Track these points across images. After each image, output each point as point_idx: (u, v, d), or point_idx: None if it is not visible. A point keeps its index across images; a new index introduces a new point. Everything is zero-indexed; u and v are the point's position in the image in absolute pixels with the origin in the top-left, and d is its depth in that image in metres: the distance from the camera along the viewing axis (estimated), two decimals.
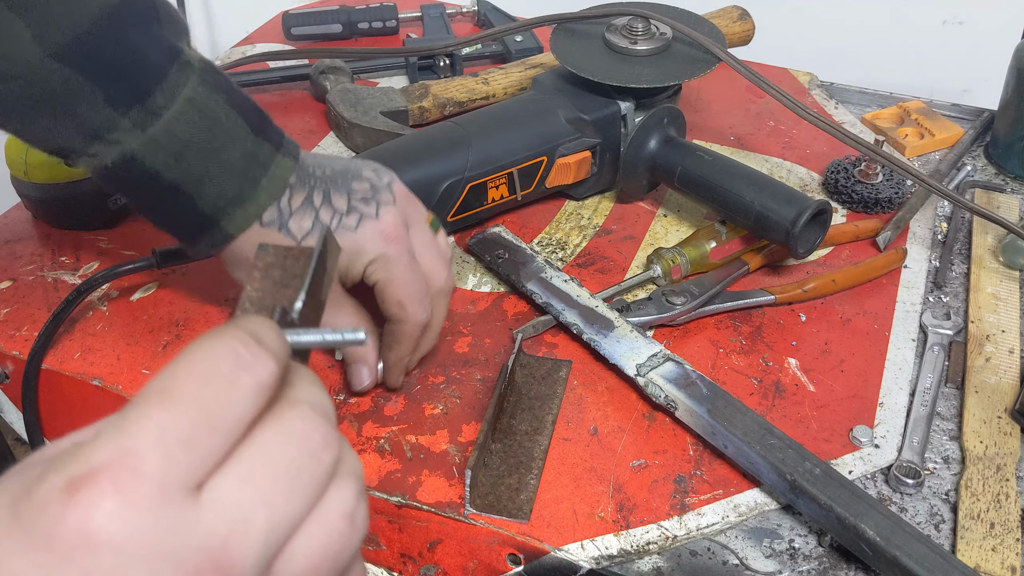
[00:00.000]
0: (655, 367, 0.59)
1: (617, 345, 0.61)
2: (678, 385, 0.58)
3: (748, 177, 0.70)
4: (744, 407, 0.56)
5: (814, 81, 0.98)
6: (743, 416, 0.55)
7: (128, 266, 0.62)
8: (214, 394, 0.25)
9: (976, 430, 0.59)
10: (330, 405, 0.30)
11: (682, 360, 0.60)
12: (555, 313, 0.64)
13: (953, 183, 0.84)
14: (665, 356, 0.60)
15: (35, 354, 0.62)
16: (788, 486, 0.52)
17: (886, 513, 0.49)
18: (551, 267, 0.67)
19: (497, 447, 0.57)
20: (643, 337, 0.61)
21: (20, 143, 0.70)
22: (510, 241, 0.71)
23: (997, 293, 0.70)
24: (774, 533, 0.53)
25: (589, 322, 0.63)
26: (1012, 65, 0.83)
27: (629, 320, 0.63)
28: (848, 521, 0.49)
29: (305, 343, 0.31)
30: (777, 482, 0.53)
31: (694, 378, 0.58)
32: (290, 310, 0.33)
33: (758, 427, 0.55)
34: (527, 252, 0.69)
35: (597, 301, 0.64)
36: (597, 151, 0.75)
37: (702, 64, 0.73)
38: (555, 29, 0.79)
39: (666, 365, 0.59)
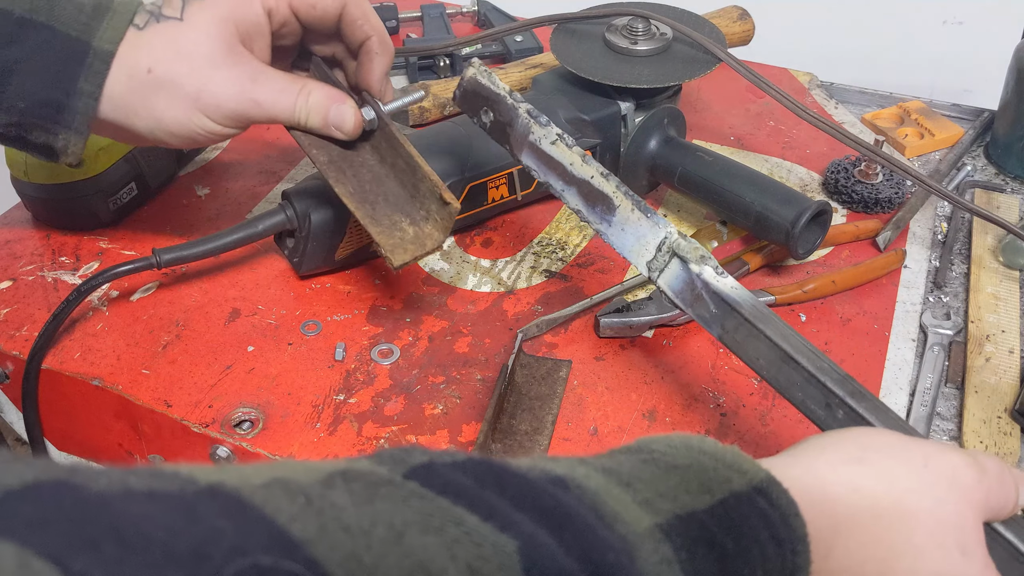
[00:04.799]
0: (662, 268, 0.53)
1: (623, 235, 0.55)
2: (684, 301, 0.52)
3: (748, 177, 0.70)
4: (768, 319, 0.49)
5: (814, 81, 0.98)
6: (757, 343, 0.49)
7: (128, 266, 0.62)
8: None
9: (976, 430, 0.59)
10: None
11: (691, 254, 0.52)
12: (556, 194, 0.59)
13: (953, 183, 0.84)
14: (671, 251, 0.52)
15: (35, 354, 0.62)
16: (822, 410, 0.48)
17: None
18: (535, 121, 0.58)
19: (497, 447, 0.57)
20: (646, 218, 0.54)
21: None
22: (489, 90, 0.60)
23: (997, 293, 0.70)
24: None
25: (591, 204, 0.56)
26: (1012, 65, 0.83)
27: (627, 193, 0.55)
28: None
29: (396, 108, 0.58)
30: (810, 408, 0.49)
31: (700, 290, 0.51)
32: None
33: (777, 357, 0.49)
34: (507, 104, 0.59)
35: (592, 170, 0.56)
36: (597, 151, 0.75)
37: (702, 64, 0.73)
38: (555, 29, 0.79)
39: (672, 266, 0.52)
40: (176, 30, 0.54)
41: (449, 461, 0.31)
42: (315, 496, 0.26)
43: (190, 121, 0.55)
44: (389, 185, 0.59)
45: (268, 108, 0.56)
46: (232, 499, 0.25)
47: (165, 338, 0.64)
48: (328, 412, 0.59)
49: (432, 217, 0.57)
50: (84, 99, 0.52)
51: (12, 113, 0.52)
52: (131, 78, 0.53)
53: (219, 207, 0.78)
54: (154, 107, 0.54)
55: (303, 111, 0.57)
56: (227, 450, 0.57)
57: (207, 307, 0.67)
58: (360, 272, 0.71)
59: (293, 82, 0.57)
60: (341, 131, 0.59)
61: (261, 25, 0.57)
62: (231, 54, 0.55)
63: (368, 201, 0.58)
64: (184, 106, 0.54)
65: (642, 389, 0.62)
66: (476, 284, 0.70)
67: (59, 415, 0.65)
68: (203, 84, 0.54)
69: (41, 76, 0.51)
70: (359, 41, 0.60)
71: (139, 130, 0.55)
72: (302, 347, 0.64)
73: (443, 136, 0.72)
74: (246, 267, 0.71)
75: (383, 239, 0.57)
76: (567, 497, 0.31)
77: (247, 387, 0.61)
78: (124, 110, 0.54)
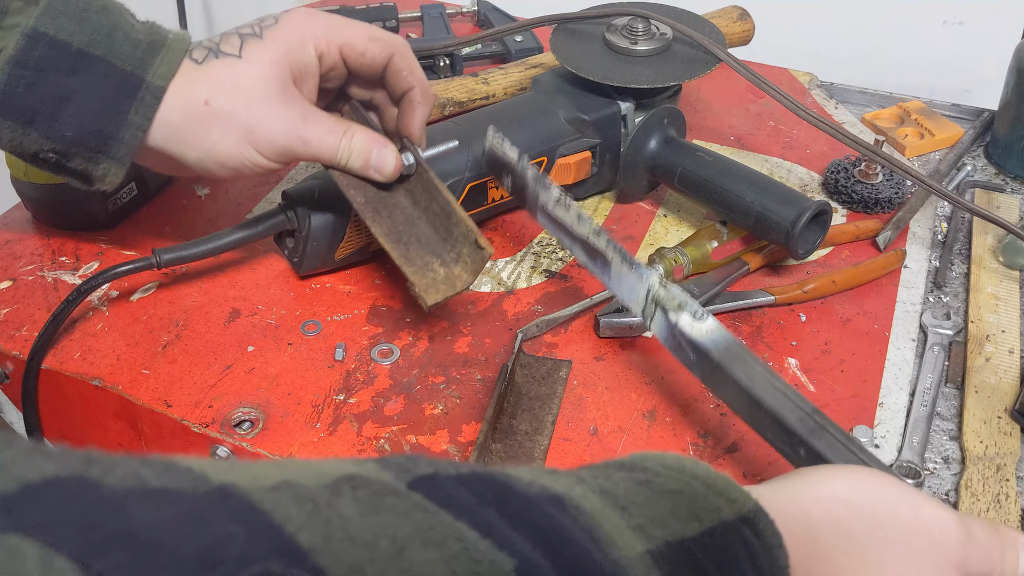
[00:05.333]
0: (652, 316, 0.55)
1: (621, 286, 0.58)
2: (670, 347, 0.55)
3: (748, 178, 0.70)
4: (737, 361, 0.51)
5: (814, 81, 0.98)
6: (727, 386, 0.51)
7: (128, 266, 0.62)
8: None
9: (976, 430, 0.59)
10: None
11: (669, 303, 0.54)
12: (568, 249, 0.62)
13: (953, 183, 0.84)
14: (655, 303, 0.54)
15: (35, 354, 0.62)
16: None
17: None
18: (540, 184, 0.61)
19: (497, 447, 0.57)
20: (631, 271, 0.56)
21: None
22: (504, 156, 0.64)
23: (997, 293, 0.71)
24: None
25: (592, 259, 0.59)
26: (1012, 65, 0.83)
27: (616, 248, 0.57)
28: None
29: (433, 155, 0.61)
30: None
31: (679, 338, 0.53)
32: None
33: (745, 400, 0.50)
34: (518, 169, 0.63)
35: (587, 228, 0.59)
36: (597, 151, 0.75)
37: (702, 64, 0.73)
38: (555, 29, 0.79)
39: (657, 315, 0.54)
40: (235, 66, 0.56)
41: (453, 474, 0.32)
42: (322, 504, 0.27)
43: (240, 153, 0.57)
44: (421, 227, 0.62)
45: (315, 147, 0.58)
46: (243, 503, 0.26)
47: (165, 338, 0.64)
48: (328, 412, 0.59)
49: (463, 260, 0.60)
50: (132, 131, 0.54)
51: (59, 141, 0.54)
52: (188, 109, 0.55)
53: (219, 207, 0.78)
54: (207, 137, 0.56)
55: (346, 152, 0.60)
56: (227, 450, 0.57)
57: (207, 307, 0.67)
58: (360, 272, 0.71)
59: (339, 123, 0.59)
60: (381, 174, 0.61)
61: (312, 67, 0.59)
62: (284, 93, 0.57)
63: (402, 242, 0.61)
64: (237, 139, 0.56)
65: (642, 389, 0.62)
66: (476, 284, 0.70)
67: (59, 415, 0.65)
68: (258, 120, 0.56)
69: (94, 107, 0.53)
70: (403, 90, 0.62)
71: (188, 159, 0.57)
72: (302, 347, 0.64)
73: (443, 136, 0.72)
74: (246, 267, 0.71)
75: (417, 279, 0.59)
76: (564, 518, 0.32)
77: (247, 387, 0.61)
78: (176, 139, 0.56)
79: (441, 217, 0.61)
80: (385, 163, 0.60)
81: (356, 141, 0.59)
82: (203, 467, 0.27)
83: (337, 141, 0.59)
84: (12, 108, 0.52)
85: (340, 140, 0.59)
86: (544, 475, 0.34)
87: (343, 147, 0.59)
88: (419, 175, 0.62)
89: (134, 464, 0.26)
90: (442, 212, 0.61)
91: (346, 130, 0.59)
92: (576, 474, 0.36)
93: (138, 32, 0.55)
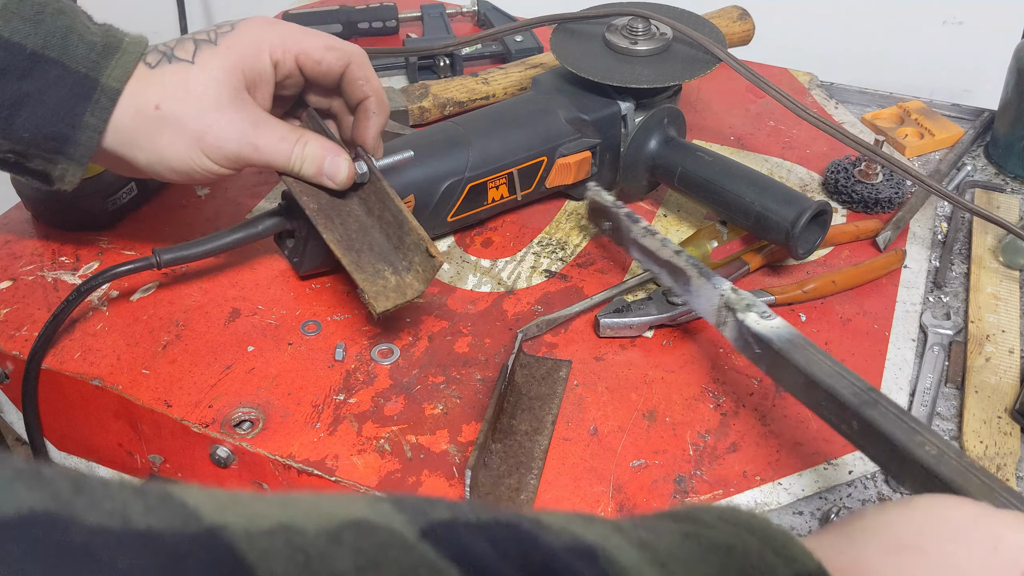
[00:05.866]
0: (725, 322, 0.58)
1: (700, 301, 0.60)
2: (740, 347, 0.57)
3: (748, 178, 0.70)
4: (798, 349, 0.53)
5: (814, 81, 0.98)
6: (787, 372, 0.54)
7: (128, 266, 0.62)
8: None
9: (976, 430, 0.59)
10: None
11: (738, 305, 0.57)
12: (657, 277, 0.64)
13: (953, 183, 0.84)
14: (727, 307, 0.57)
15: (35, 354, 0.62)
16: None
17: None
18: (631, 220, 0.66)
19: (497, 447, 0.57)
20: (707, 282, 0.59)
21: None
22: (602, 205, 0.69)
23: (997, 293, 0.71)
24: None
25: (676, 279, 0.62)
26: (1012, 65, 0.83)
27: (694, 263, 0.61)
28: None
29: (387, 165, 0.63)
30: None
31: (747, 335, 0.56)
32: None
33: (803, 383, 0.53)
34: (613, 212, 0.67)
35: (669, 251, 0.62)
36: (597, 151, 0.75)
37: (702, 64, 0.73)
38: (555, 29, 0.79)
39: (729, 319, 0.57)
40: (186, 72, 0.56)
41: (473, 520, 0.29)
42: (315, 556, 0.25)
43: (190, 159, 0.57)
44: (374, 235, 0.62)
45: (266, 154, 0.59)
46: (227, 553, 0.24)
47: (165, 338, 0.64)
48: (328, 412, 0.59)
49: (414, 268, 0.61)
50: (88, 132, 0.55)
51: (17, 142, 0.54)
52: (139, 112, 0.55)
53: (219, 207, 0.78)
54: (157, 142, 0.56)
55: (299, 160, 0.60)
56: (227, 450, 0.57)
57: (207, 307, 0.67)
58: None
59: (292, 131, 0.60)
60: (334, 181, 0.61)
61: (267, 75, 0.59)
62: (236, 99, 0.57)
63: (354, 249, 0.61)
64: (187, 144, 0.56)
65: (642, 389, 0.62)
66: (476, 284, 0.70)
67: (59, 415, 0.65)
68: (207, 125, 0.56)
69: (49, 109, 0.54)
70: (358, 99, 0.63)
71: (139, 162, 0.57)
72: (302, 347, 0.64)
73: (443, 136, 0.72)
74: (246, 267, 0.71)
75: (367, 286, 0.60)
76: (594, 574, 0.29)
77: (247, 387, 0.61)
78: (128, 143, 0.56)
79: (394, 226, 0.61)
80: (338, 171, 0.61)
81: (309, 149, 0.60)
82: (200, 501, 0.25)
83: (290, 148, 0.59)
84: None
85: (293, 147, 0.59)
86: (578, 522, 0.31)
87: (296, 154, 0.59)
88: (372, 184, 0.63)
89: (126, 494, 0.24)
90: (395, 221, 0.61)
91: (299, 137, 0.59)
92: (616, 523, 0.33)
93: (93, 34, 0.55)
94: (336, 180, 0.61)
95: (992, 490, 0.43)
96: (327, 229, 0.61)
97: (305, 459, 0.56)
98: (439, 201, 0.70)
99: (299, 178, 0.61)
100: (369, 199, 0.63)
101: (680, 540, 0.32)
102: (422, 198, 0.69)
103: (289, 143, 0.59)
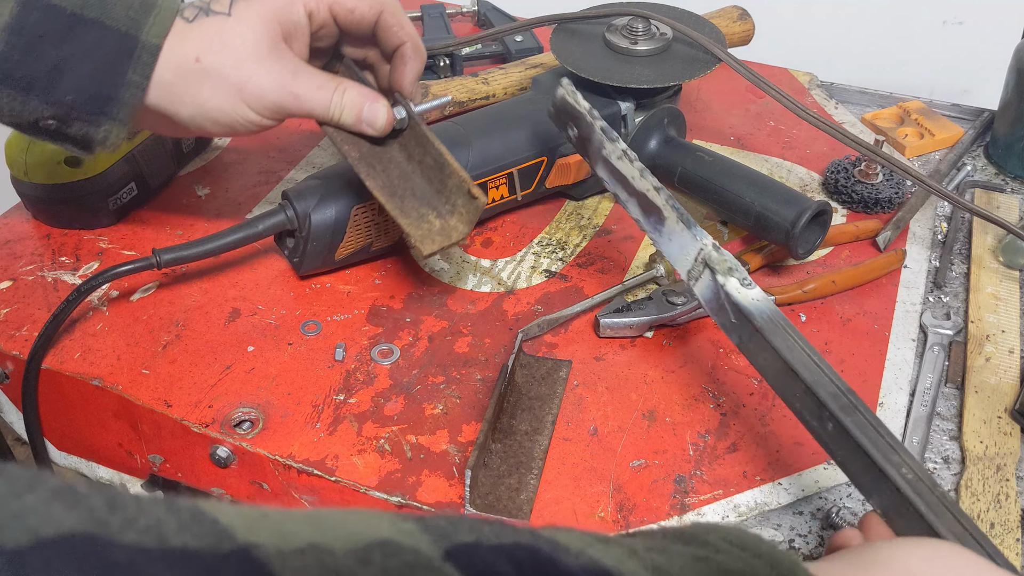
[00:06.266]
0: (698, 277, 0.57)
1: (670, 244, 0.59)
2: (712, 309, 0.56)
3: (748, 178, 0.70)
4: (779, 331, 0.52)
5: (814, 81, 0.98)
6: (765, 353, 0.52)
7: (128, 266, 0.62)
8: None
9: (976, 430, 0.59)
10: None
11: (720, 266, 0.55)
12: (621, 203, 0.63)
13: (953, 183, 0.84)
14: (705, 263, 0.56)
15: (35, 354, 0.62)
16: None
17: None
18: (607, 137, 0.63)
19: (497, 447, 0.57)
20: (687, 230, 0.58)
21: (20, 143, 0.70)
22: (574, 108, 0.65)
23: (997, 293, 0.71)
24: (774, 533, 0.53)
25: (647, 215, 0.61)
26: (1012, 65, 0.83)
27: (674, 206, 0.59)
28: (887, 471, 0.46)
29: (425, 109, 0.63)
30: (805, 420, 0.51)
31: (724, 300, 0.55)
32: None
33: (780, 368, 0.51)
34: (587, 121, 0.64)
35: (648, 184, 0.60)
36: None
37: (702, 64, 0.73)
38: (555, 29, 0.79)
39: (704, 276, 0.56)
40: (224, 24, 0.57)
41: (495, 544, 0.30)
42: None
43: (232, 110, 0.57)
44: (416, 181, 0.62)
45: (306, 102, 0.59)
46: (261, 573, 0.25)
47: (165, 338, 0.64)
48: (328, 412, 0.59)
49: (458, 211, 0.60)
50: (132, 91, 0.55)
51: (59, 107, 0.54)
52: (179, 67, 0.56)
53: (219, 207, 0.78)
54: (199, 95, 0.56)
55: (338, 107, 0.60)
56: (227, 450, 0.57)
57: (207, 307, 0.67)
58: (360, 272, 0.71)
59: (330, 80, 0.60)
60: (373, 127, 0.62)
61: (302, 26, 0.60)
62: (274, 50, 0.58)
63: (397, 195, 0.61)
64: (228, 95, 0.57)
65: (642, 389, 0.62)
66: (476, 284, 0.70)
67: (59, 415, 0.65)
68: (247, 76, 0.57)
69: (91, 70, 0.53)
70: (394, 46, 0.63)
71: (182, 117, 0.57)
72: (302, 347, 0.64)
73: (443, 136, 0.72)
74: (246, 267, 0.71)
75: (412, 230, 0.60)
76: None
77: (247, 387, 0.61)
78: (170, 98, 0.56)
79: (435, 170, 0.61)
80: (377, 117, 0.61)
81: (348, 96, 0.60)
82: (232, 519, 0.25)
83: (329, 96, 0.59)
84: (10, 76, 0.52)
85: (332, 95, 0.60)
86: (595, 544, 0.32)
87: (335, 102, 0.60)
88: (412, 129, 0.63)
89: (159, 511, 0.25)
90: (436, 165, 0.61)
91: (337, 85, 0.60)
92: (630, 544, 0.33)
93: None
94: (375, 126, 0.61)
95: (962, 526, 0.42)
96: (369, 176, 0.61)
97: (305, 459, 0.56)
98: None
99: (339, 127, 0.61)
100: (409, 145, 0.63)
101: (691, 564, 0.32)
102: None
103: (328, 91, 0.59)
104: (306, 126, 0.89)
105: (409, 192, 0.62)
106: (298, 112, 0.59)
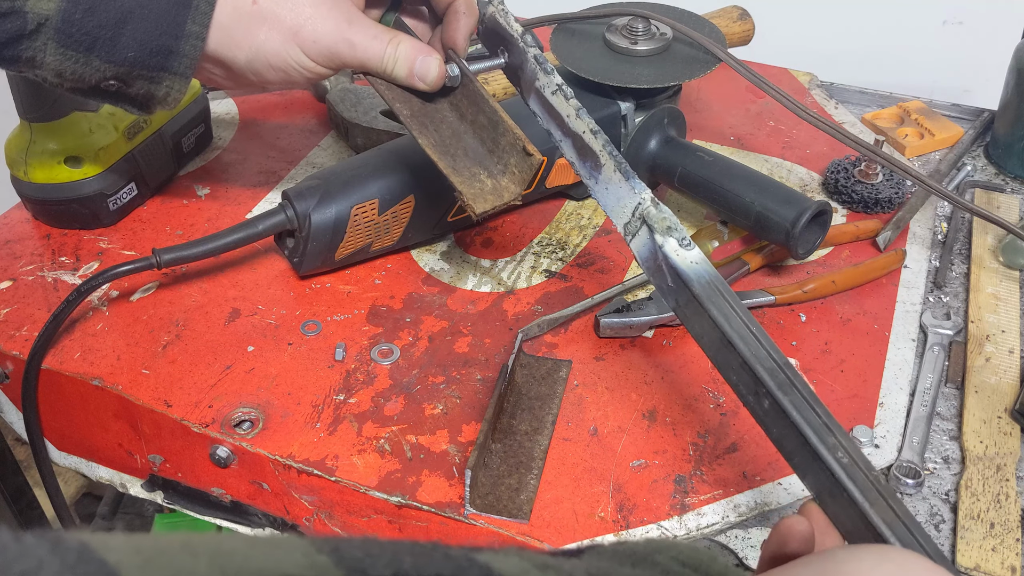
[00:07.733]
0: (635, 232, 0.54)
1: (606, 194, 0.57)
2: (648, 269, 0.53)
3: (748, 178, 0.70)
4: (717, 298, 0.49)
5: (814, 81, 0.98)
6: (702, 320, 0.49)
7: (128, 266, 0.62)
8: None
9: (976, 430, 0.59)
10: None
11: (658, 224, 0.52)
12: (555, 143, 0.61)
13: (953, 183, 0.84)
14: (642, 219, 0.53)
15: (35, 354, 0.62)
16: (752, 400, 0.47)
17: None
18: (541, 68, 0.60)
19: (497, 447, 0.57)
20: (625, 181, 0.55)
21: (20, 143, 0.70)
22: (505, 30, 0.62)
23: (997, 293, 0.71)
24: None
25: (582, 159, 0.58)
26: (1012, 65, 0.83)
27: (612, 154, 0.56)
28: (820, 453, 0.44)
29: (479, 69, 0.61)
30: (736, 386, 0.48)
31: (661, 261, 0.52)
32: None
33: (716, 338, 0.48)
34: (519, 47, 0.62)
35: (584, 125, 0.58)
36: None
37: (702, 64, 0.73)
38: (555, 29, 0.79)
39: (642, 233, 0.53)
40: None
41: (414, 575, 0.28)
42: None
43: (287, 53, 0.57)
44: (467, 140, 0.62)
45: (360, 51, 0.58)
46: None
47: (165, 338, 0.64)
48: (328, 412, 0.59)
49: (510, 170, 0.60)
50: (192, 41, 0.55)
51: (121, 64, 0.54)
52: (236, 10, 0.56)
53: (219, 207, 0.78)
54: (255, 38, 0.56)
55: (391, 59, 0.60)
56: (227, 450, 0.57)
57: (207, 307, 0.67)
58: (360, 272, 0.71)
59: (385, 31, 0.60)
60: (424, 82, 0.61)
61: None
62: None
63: (449, 153, 0.61)
64: (283, 38, 0.57)
65: (642, 389, 0.62)
66: (476, 284, 0.70)
67: (59, 415, 0.65)
68: (304, 19, 0.57)
69: (152, 23, 0.53)
70: (447, 2, 0.62)
71: (239, 62, 0.57)
72: (302, 347, 0.64)
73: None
74: (246, 267, 0.71)
75: (465, 188, 0.59)
76: None
77: (247, 387, 0.61)
78: (228, 43, 0.56)
79: (488, 129, 0.61)
80: (429, 70, 0.60)
81: (401, 49, 0.59)
82: (122, 557, 0.23)
83: (383, 47, 0.59)
84: (72, 36, 0.52)
85: (386, 47, 0.59)
86: (532, 572, 0.30)
87: (388, 53, 0.59)
88: (464, 87, 0.62)
89: (43, 552, 0.23)
90: (489, 123, 0.60)
91: (392, 37, 0.59)
92: (569, 570, 0.31)
93: None
94: (427, 80, 0.60)
95: (894, 513, 0.41)
96: (421, 134, 0.60)
97: (305, 459, 0.56)
98: (439, 201, 0.70)
99: (391, 80, 0.61)
100: (460, 104, 0.62)
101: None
102: (422, 199, 0.69)
103: (382, 42, 0.59)
104: (306, 126, 0.90)
105: (461, 151, 0.61)
106: (351, 61, 0.59)
